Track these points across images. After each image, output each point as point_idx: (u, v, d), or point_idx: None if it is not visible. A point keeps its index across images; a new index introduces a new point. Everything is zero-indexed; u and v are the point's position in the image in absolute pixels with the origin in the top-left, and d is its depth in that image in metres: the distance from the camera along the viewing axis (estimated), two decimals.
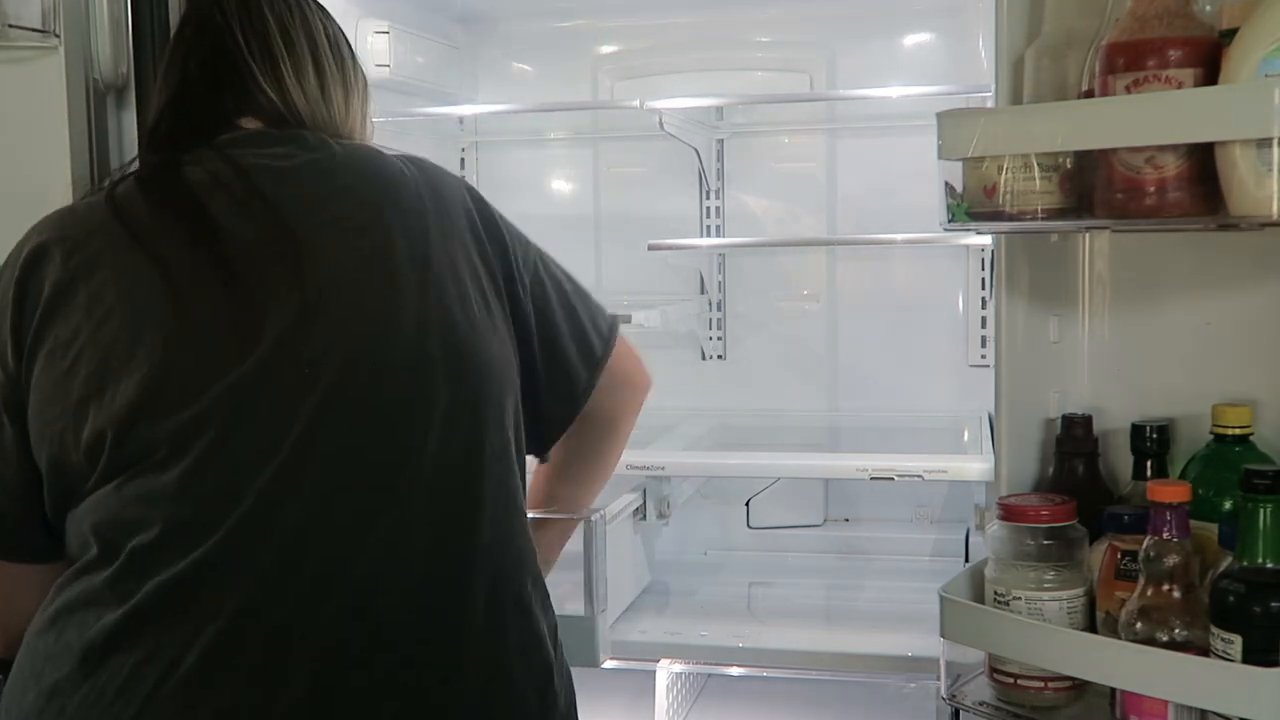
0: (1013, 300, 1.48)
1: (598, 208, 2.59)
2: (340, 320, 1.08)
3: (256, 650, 1.01)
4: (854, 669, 1.88)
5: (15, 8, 1.59)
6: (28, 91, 1.62)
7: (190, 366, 1.04)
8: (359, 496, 1.06)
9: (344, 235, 1.12)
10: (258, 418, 1.04)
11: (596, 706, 1.19)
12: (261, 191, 1.11)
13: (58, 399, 1.06)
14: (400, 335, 1.09)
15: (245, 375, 1.04)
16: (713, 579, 2.33)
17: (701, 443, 2.26)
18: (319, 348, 1.06)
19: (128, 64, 1.68)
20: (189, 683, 1.00)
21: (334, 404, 1.06)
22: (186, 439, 1.03)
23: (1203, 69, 1.14)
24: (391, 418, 1.08)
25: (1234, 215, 1.12)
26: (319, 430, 1.05)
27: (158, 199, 1.12)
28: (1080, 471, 1.41)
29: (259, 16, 1.20)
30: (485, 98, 2.61)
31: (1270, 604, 1.11)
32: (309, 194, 1.13)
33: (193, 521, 1.02)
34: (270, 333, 1.05)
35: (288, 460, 1.03)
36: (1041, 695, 1.31)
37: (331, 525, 1.05)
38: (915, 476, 1.91)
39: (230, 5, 1.21)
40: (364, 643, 1.04)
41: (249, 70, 1.18)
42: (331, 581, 1.04)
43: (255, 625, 1.02)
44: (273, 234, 1.09)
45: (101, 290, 1.07)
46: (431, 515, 1.09)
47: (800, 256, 2.52)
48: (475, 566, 1.10)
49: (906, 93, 2.25)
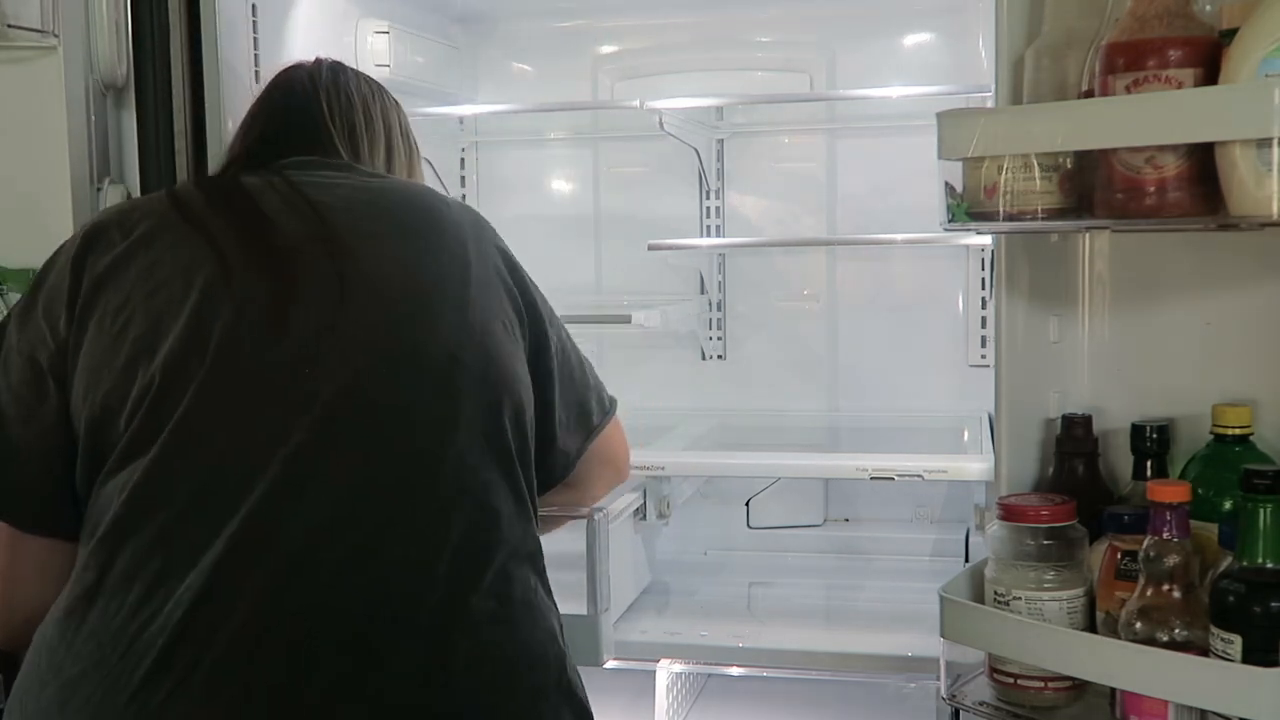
0: (1013, 300, 1.48)
1: (598, 208, 2.59)
2: (376, 309, 1.13)
3: (280, 642, 1.03)
4: (854, 669, 1.88)
5: (15, 8, 1.59)
6: (28, 91, 1.62)
7: (230, 345, 1.09)
8: (374, 488, 1.09)
9: (382, 244, 1.18)
10: (291, 401, 1.08)
11: (596, 706, 1.19)
12: (308, 196, 1.19)
13: (106, 362, 1.10)
14: (440, 332, 1.14)
15: (286, 358, 1.09)
16: (713, 579, 2.33)
17: (701, 443, 2.25)
18: (354, 330, 1.11)
19: (127, 64, 1.68)
20: (214, 671, 1.01)
21: (358, 394, 1.10)
22: (213, 409, 1.07)
23: (1203, 69, 1.14)
24: (414, 414, 1.12)
25: (1234, 215, 1.12)
26: (336, 423, 1.08)
27: (214, 194, 1.21)
28: (1080, 471, 1.41)
29: (346, 92, 1.33)
30: (485, 98, 2.61)
31: (1270, 604, 1.11)
32: (351, 207, 1.20)
33: (207, 507, 1.05)
34: (309, 319, 1.11)
35: (319, 447, 1.07)
36: (1041, 695, 1.31)
37: (345, 519, 1.07)
38: (915, 476, 1.91)
39: (321, 77, 1.34)
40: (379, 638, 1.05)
41: (328, 134, 1.30)
42: (345, 576, 1.06)
43: (277, 615, 1.03)
44: (318, 231, 1.16)
45: (155, 265, 1.14)
46: (458, 506, 1.11)
47: (800, 256, 2.52)
48: (486, 562, 1.11)
49: (906, 93, 2.25)
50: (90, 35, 1.65)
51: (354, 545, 1.06)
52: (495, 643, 1.10)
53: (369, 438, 1.10)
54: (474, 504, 1.12)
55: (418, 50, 2.33)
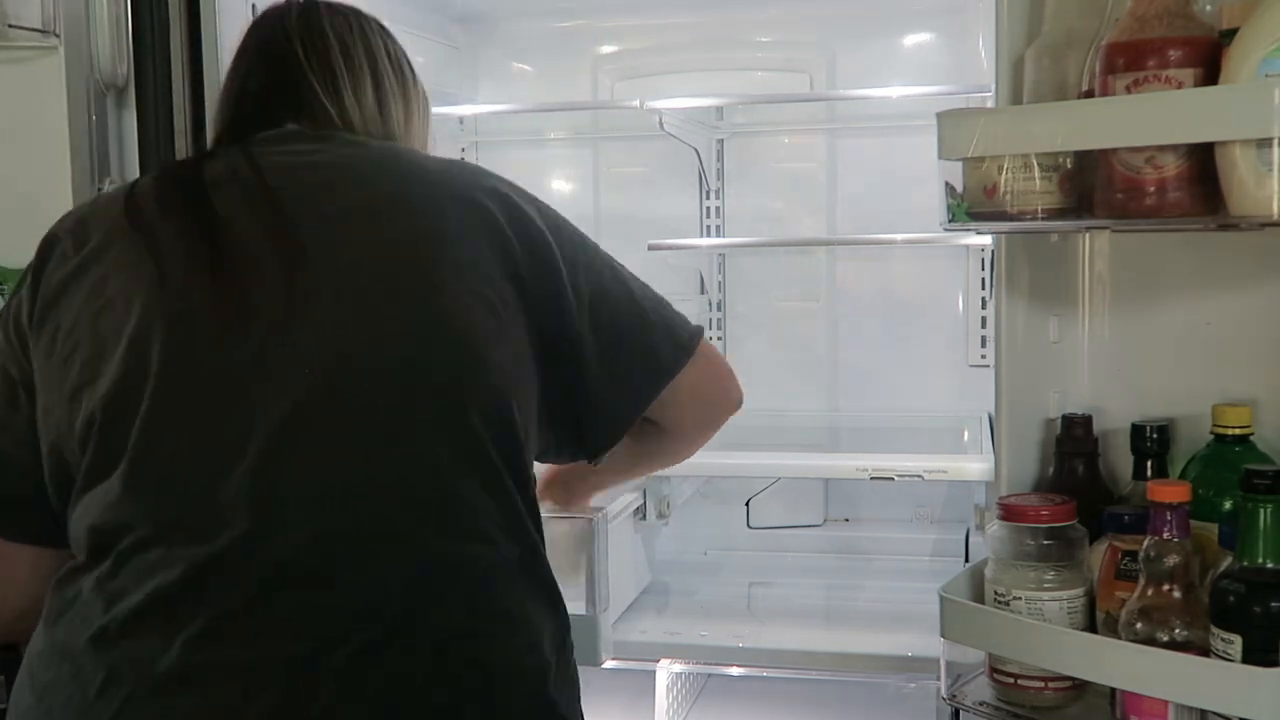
0: (1013, 300, 1.48)
1: (598, 208, 2.58)
2: (334, 310, 1.07)
3: (234, 650, 1.00)
4: (854, 669, 1.88)
5: (15, 8, 1.59)
6: (28, 91, 1.62)
7: (173, 357, 1.04)
8: (345, 491, 1.04)
9: (351, 226, 1.11)
10: (241, 410, 1.03)
11: (596, 706, 1.19)
12: (269, 185, 1.11)
13: (56, 386, 1.07)
14: (395, 328, 1.08)
15: (231, 366, 1.04)
16: (713, 579, 2.33)
17: None
18: (309, 337, 1.05)
19: (128, 64, 1.68)
20: (165, 684, 0.99)
21: (321, 395, 1.04)
22: (163, 434, 1.03)
23: (1203, 69, 1.14)
24: (379, 413, 1.06)
25: (1234, 215, 1.12)
26: (304, 423, 1.03)
27: (166, 192, 1.14)
28: (1080, 471, 1.41)
29: (320, 34, 1.24)
30: (485, 98, 2.61)
31: (1270, 604, 1.11)
32: (323, 186, 1.13)
33: (174, 523, 1.02)
34: (258, 324, 1.05)
35: (269, 455, 1.02)
36: (1041, 695, 1.31)
37: (317, 522, 1.03)
38: (915, 476, 1.91)
39: (292, 23, 1.24)
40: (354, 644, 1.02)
41: (308, 84, 1.22)
42: (315, 579, 1.02)
43: (233, 626, 1.00)
44: (273, 226, 1.09)
45: (103, 281, 1.09)
46: (435, 509, 1.06)
47: (800, 256, 2.52)
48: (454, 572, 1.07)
49: (906, 93, 2.25)
50: (91, 35, 1.65)
51: (318, 563, 1.03)
52: (461, 655, 1.05)
53: (323, 456, 1.04)
54: (440, 514, 1.06)
55: (418, 50, 2.30)
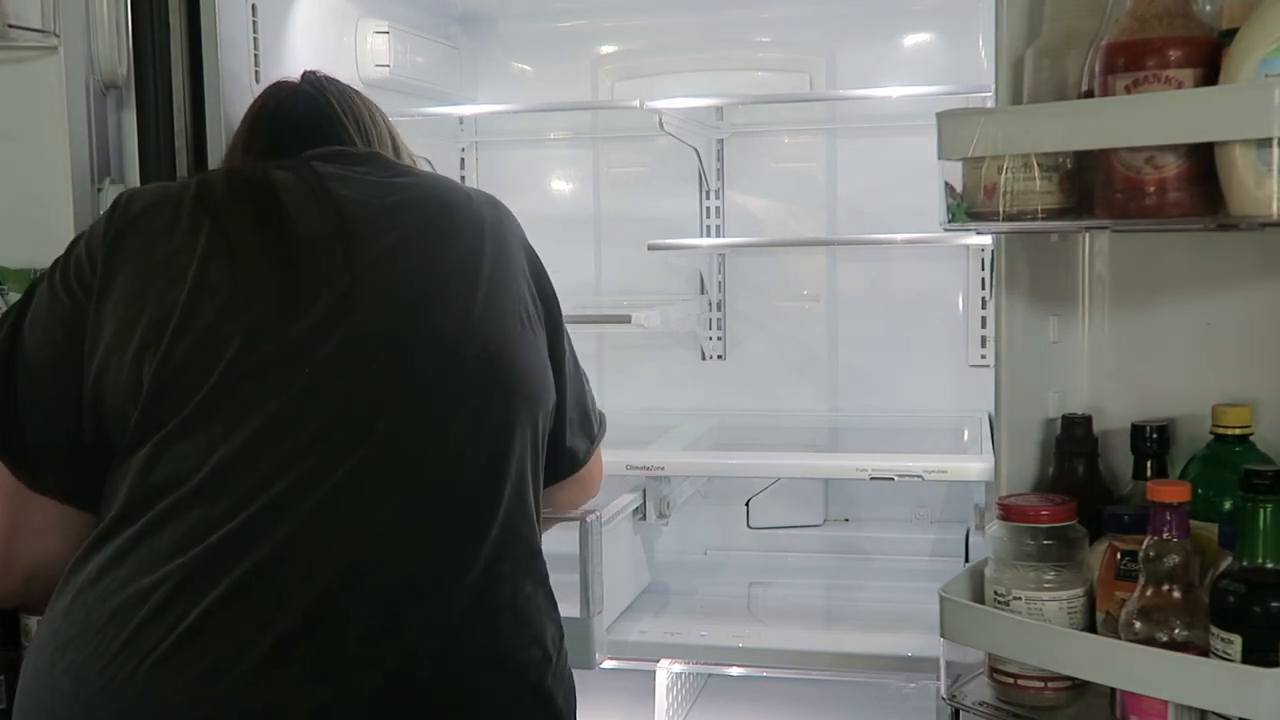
0: (1012, 300, 1.48)
1: (598, 208, 2.59)
2: (384, 309, 1.14)
3: (252, 613, 1.04)
4: (854, 669, 1.88)
5: (15, 8, 1.59)
6: (28, 91, 1.62)
7: (233, 337, 1.10)
8: (385, 478, 1.10)
9: (397, 242, 1.18)
10: (292, 393, 1.10)
11: (596, 706, 1.19)
12: (332, 191, 1.20)
13: (117, 349, 1.12)
14: (439, 329, 1.16)
15: (287, 350, 1.10)
16: (712, 579, 2.33)
17: (701, 443, 2.25)
18: (361, 331, 1.13)
19: (128, 64, 1.68)
20: (183, 642, 1.03)
21: (367, 386, 1.11)
22: (217, 408, 1.08)
23: (1203, 69, 1.14)
24: (420, 408, 1.13)
25: (1234, 215, 1.12)
26: (349, 412, 1.10)
27: (237, 185, 1.20)
28: (1080, 471, 1.41)
29: (342, 90, 1.37)
30: (485, 98, 2.61)
31: (1270, 604, 1.11)
32: (369, 203, 1.21)
33: (213, 493, 1.07)
34: (316, 313, 1.12)
35: (317, 438, 1.08)
36: (1041, 695, 1.31)
37: (352, 503, 1.08)
38: (915, 476, 1.91)
39: (317, 78, 1.37)
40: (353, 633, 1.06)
41: (343, 126, 1.32)
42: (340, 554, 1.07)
43: (260, 587, 1.05)
44: (337, 229, 1.17)
45: (174, 256, 1.14)
46: (451, 504, 1.13)
47: (800, 256, 2.52)
48: (480, 559, 1.12)
49: (906, 93, 2.24)
50: (91, 35, 1.65)
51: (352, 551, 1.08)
52: (471, 642, 1.10)
53: (367, 438, 1.10)
54: (468, 503, 1.14)
55: (418, 50, 2.33)
